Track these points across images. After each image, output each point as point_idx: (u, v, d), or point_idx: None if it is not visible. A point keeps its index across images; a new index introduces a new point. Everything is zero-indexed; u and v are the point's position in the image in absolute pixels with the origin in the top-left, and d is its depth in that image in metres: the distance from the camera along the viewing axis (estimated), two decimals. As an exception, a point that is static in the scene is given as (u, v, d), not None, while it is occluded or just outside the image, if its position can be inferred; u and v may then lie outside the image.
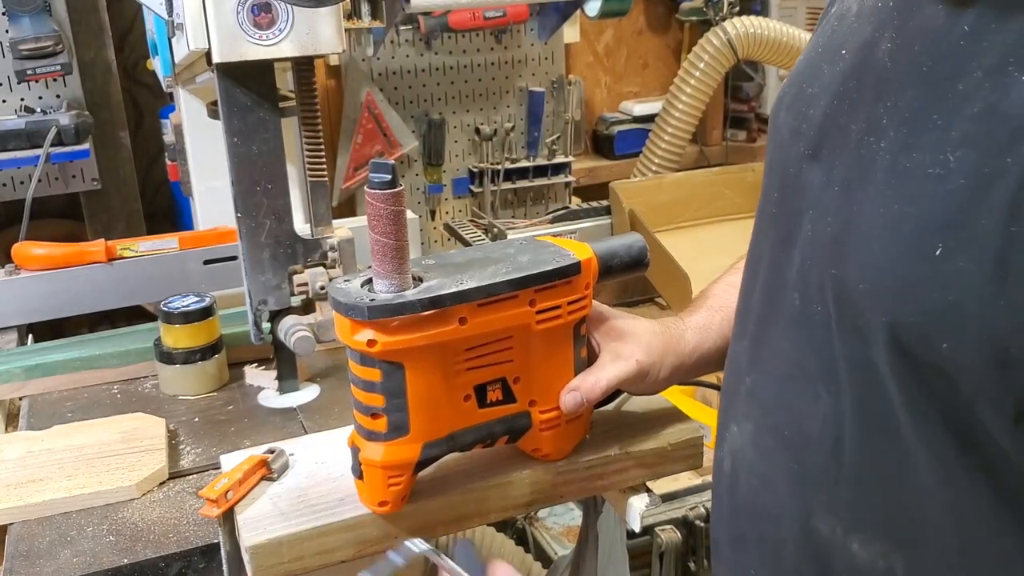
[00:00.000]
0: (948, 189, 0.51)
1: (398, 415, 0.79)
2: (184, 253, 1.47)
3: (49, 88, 1.99)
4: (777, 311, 0.68)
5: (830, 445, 0.62)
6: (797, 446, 0.66)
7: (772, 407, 0.69)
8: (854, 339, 0.59)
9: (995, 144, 0.50)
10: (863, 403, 0.60)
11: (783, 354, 0.68)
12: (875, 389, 0.58)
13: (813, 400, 0.64)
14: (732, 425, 0.74)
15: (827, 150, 0.64)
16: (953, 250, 0.51)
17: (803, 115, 0.67)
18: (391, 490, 0.81)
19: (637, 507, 1.00)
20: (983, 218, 0.49)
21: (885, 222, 0.55)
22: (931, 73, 0.55)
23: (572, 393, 0.86)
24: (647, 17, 2.78)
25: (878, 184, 0.56)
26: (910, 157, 0.55)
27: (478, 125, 2.43)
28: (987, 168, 0.50)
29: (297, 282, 1.17)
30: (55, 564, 0.94)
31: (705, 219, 2.22)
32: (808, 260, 0.64)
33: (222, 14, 1.02)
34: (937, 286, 0.51)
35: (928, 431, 0.56)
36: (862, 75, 0.62)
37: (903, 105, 0.57)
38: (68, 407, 1.26)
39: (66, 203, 2.18)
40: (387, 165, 0.75)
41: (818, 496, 0.65)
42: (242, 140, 1.11)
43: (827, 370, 0.62)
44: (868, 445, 0.60)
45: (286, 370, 1.27)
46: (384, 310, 0.75)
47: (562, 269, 0.83)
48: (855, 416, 0.60)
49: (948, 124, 0.53)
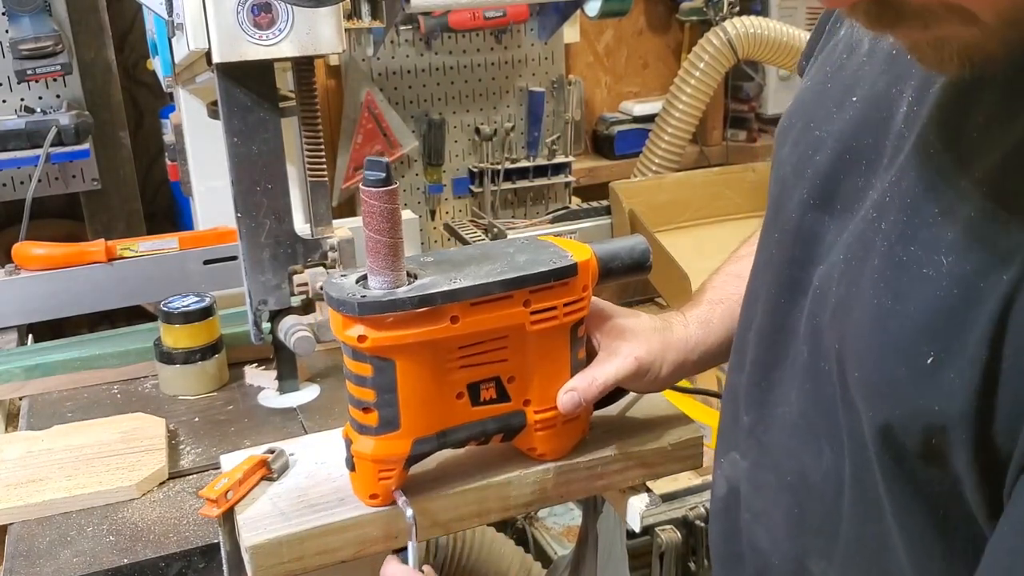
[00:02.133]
0: (939, 295, 0.51)
1: (388, 410, 0.79)
2: (184, 253, 1.47)
3: (49, 88, 1.99)
4: (783, 358, 0.68)
5: (832, 496, 0.63)
6: (798, 491, 0.66)
7: (774, 449, 0.69)
8: (853, 414, 0.59)
9: (987, 257, 0.49)
10: (857, 471, 0.60)
11: (789, 402, 0.67)
12: (866, 464, 0.58)
13: (817, 454, 0.64)
14: (733, 453, 0.75)
15: (840, 205, 0.63)
16: (943, 361, 0.50)
17: (808, 158, 0.66)
18: (381, 483, 0.82)
19: (637, 507, 1.00)
20: (971, 330, 0.49)
21: (876, 316, 0.55)
22: (938, 159, 0.54)
23: (569, 393, 0.85)
24: (647, 17, 2.78)
25: (874, 271, 0.56)
26: (907, 250, 0.54)
27: (478, 125, 2.43)
28: (979, 281, 0.49)
29: (297, 282, 1.17)
30: (55, 564, 0.94)
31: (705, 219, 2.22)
32: (816, 317, 0.63)
33: (222, 14, 1.02)
34: (925, 392, 0.51)
35: (908, 521, 0.56)
36: (879, 135, 0.60)
37: (906, 187, 0.56)
38: (68, 407, 1.26)
39: (66, 203, 2.19)
40: (382, 163, 0.76)
41: (816, 541, 0.65)
42: (242, 140, 1.11)
43: (832, 430, 0.62)
44: (861, 510, 0.60)
45: (286, 370, 1.27)
46: (375, 306, 0.75)
47: (558, 270, 0.83)
48: (852, 479, 0.61)
49: (945, 223, 0.52)
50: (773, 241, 0.71)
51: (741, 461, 0.73)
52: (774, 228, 0.71)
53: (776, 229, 0.70)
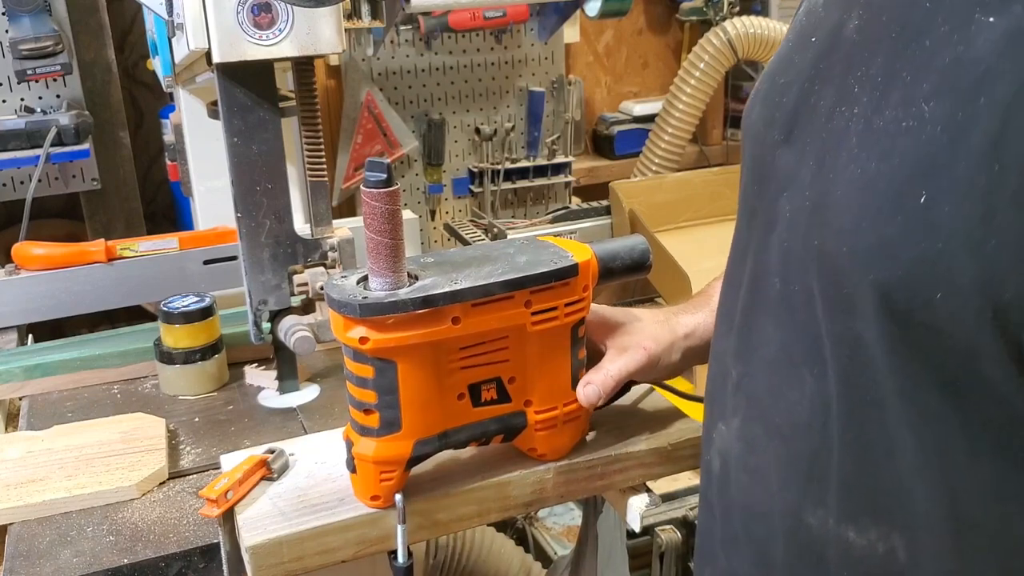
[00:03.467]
0: (924, 139, 0.51)
1: (390, 412, 0.79)
2: (184, 253, 1.47)
3: (49, 88, 1.99)
4: (761, 298, 0.68)
5: (819, 429, 0.62)
6: (785, 434, 0.65)
7: (760, 396, 0.69)
8: (838, 311, 0.58)
9: (966, 90, 0.50)
10: (848, 378, 0.59)
11: (768, 340, 0.67)
12: (860, 361, 0.57)
13: (799, 385, 0.63)
14: (719, 424, 0.74)
15: (798, 131, 0.64)
16: (936, 197, 0.50)
17: (776, 104, 0.67)
18: (383, 485, 0.82)
19: (637, 507, 1.00)
20: (963, 162, 0.49)
21: (863, 182, 0.55)
22: (899, 37, 0.56)
23: (589, 386, 0.88)
24: (647, 17, 2.78)
25: (852, 148, 0.56)
26: (882, 115, 0.55)
27: (478, 125, 2.43)
28: (960, 114, 0.50)
29: (297, 282, 1.17)
30: (55, 564, 0.94)
31: (705, 219, 2.22)
32: (787, 241, 0.63)
33: (222, 14, 1.02)
34: (922, 236, 0.51)
35: (919, 398, 0.55)
36: (831, 55, 0.62)
37: (873, 72, 0.57)
38: (68, 407, 1.26)
39: (66, 203, 2.19)
40: (382, 164, 0.76)
41: (809, 486, 0.64)
42: (242, 140, 1.11)
43: (810, 351, 0.61)
44: (855, 423, 0.59)
45: (286, 370, 1.27)
46: (376, 308, 0.75)
47: (559, 271, 0.83)
48: (841, 394, 0.60)
49: (918, 79, 0.53)
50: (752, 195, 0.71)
51: (732, 419, 0.72)
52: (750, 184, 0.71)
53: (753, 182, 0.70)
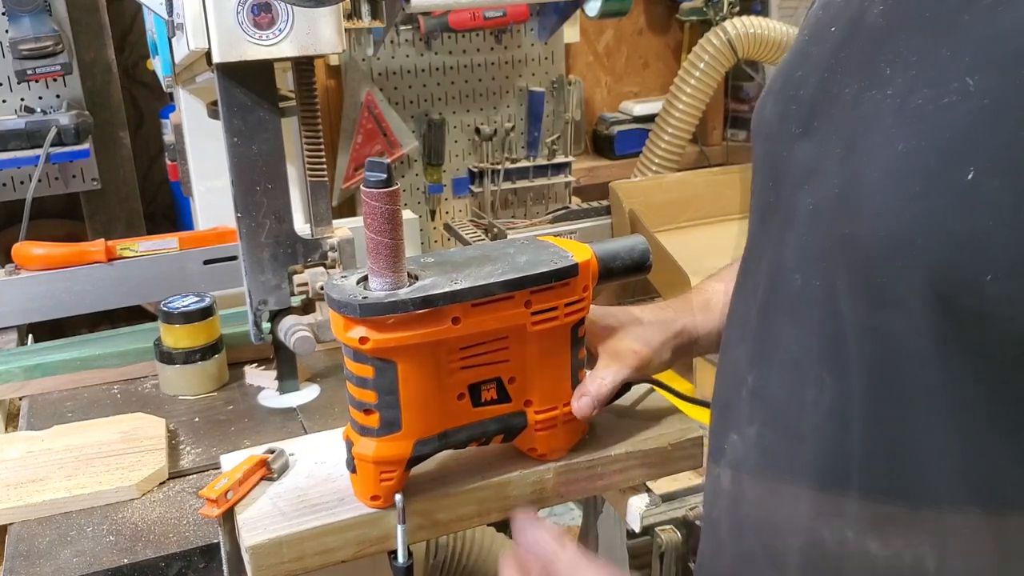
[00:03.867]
0: (969, 112, 0.49)
1: (390, 412, 0.79)
2: (184, 253, 1.47)
3: (49, 88, 1.99)
4: (777, 299, 0.65)
5: (838, 433, 0.59)
6: (804, 439, 0.62)
7: (778, 400, 0.65)
8: (866, 304, 0.55)
9: (1013, 60, 0.47)
10: (875, 375, 0.56)
11: (787, 340, 0.64)
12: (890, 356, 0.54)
13: (819, 388, 0.60)
14: (732, 435, 0.70)
15: (819, 121, 0.61)
16: (985, 171, 0.47)
17: (792, 98, 0.64)
18: (383, 485, 0.82)
19: (637, 507, 1.00)
20: (1011, 134, 0.47)
21: (904, 160, 0.52)
22: (935, 15, 0.53)
23: (584, 399, 0.88)
24: (647, 17, 2.78)
25: (888, 129, 0.53)
26: (920, 94, 0.52)
27: (478, 125, 2.43)
28: (1009, 85, 0.47)
29: (297, 282, 1.17)
30: (55, 564, 0.94)
31: (705, 219, 2.22)
32: (806, 235, 0.60)
33: (222, 14, 1.02)
34: (971, 213, 0.48)
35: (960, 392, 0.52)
36: (851, 43, 0.60)
37: (906, 53, 0.54)
38: (68, 407, 1.26)
39: (66, 203, 2.19)
40: (383, 164, 0.76)
41: (827, 496, 0.61)
42: (242, 140, 1.11)
43: (829, 350, 0.59)
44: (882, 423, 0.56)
45: (286, 370, 1.27)
46: (376, 308, 0.75)
47: (559, 271, 0.83)
48: (865, 394, 0.57)
49: (959, 53, 0.50)
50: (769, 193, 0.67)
51: (748, 429, 0.68)
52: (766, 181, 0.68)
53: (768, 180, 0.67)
